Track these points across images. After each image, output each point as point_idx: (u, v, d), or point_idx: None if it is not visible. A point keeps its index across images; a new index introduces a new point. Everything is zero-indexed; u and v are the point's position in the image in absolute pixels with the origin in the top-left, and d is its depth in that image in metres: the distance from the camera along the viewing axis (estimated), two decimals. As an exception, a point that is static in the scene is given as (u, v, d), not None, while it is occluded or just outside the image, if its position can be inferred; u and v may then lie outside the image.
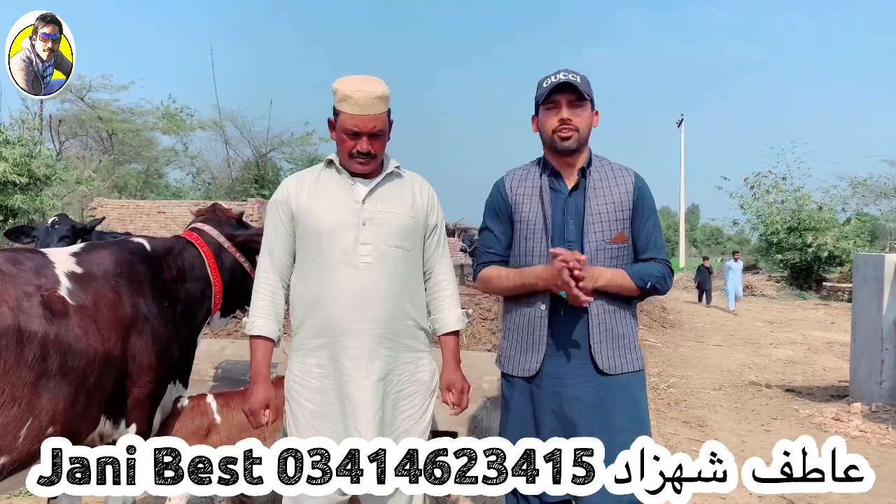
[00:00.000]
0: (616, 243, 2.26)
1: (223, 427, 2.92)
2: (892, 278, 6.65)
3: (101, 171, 24.05)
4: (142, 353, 2.41)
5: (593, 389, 2.22)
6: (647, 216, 2.32)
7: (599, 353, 2.22)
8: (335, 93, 2.20)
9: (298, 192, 2.27)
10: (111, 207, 17.72)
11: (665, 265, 2.33)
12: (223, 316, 3.03)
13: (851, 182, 27.01)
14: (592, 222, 2.25)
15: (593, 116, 2.32)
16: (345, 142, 2.19)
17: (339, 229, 2.19)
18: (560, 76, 2.23)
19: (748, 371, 9.18)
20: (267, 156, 26.18)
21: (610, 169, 2.34)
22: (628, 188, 2.30)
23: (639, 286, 2.25)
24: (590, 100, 2.27)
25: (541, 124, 2.32)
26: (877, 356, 6.70)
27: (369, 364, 2.16)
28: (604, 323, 2.24)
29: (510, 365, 2.35)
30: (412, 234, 2.28)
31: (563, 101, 2.24)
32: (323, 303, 2.19)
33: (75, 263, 2.36)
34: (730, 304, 17.74)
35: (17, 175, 14.66)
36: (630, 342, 2.29)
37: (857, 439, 5.64)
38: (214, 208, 3.18)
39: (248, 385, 2.30)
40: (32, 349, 2.04)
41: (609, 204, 2.27)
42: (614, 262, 2.26)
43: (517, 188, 2.36)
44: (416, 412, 2.27)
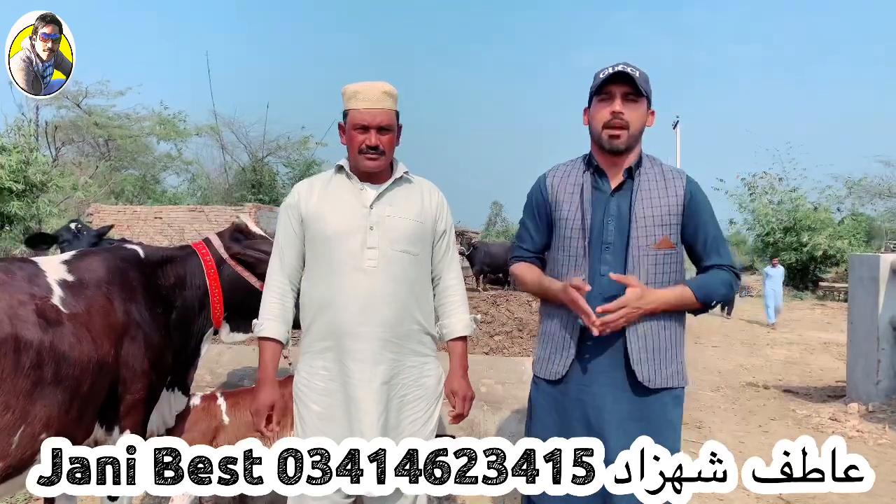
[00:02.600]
0: (661, 249, 2.14)
1: (230, 428, 2.96)
2: (888, 278, 6.68)
3: (98, 177, 23.99)
4: (135, 359, 2.41)
5: (623, 402, 2.13)
6: (703, 220, 2.19)
7: (640, 364, 2.11)
8: (344, 94, 2.24)
9: (309, 197, 2.29)
10: (108, 213, 17.68)
11: (730, 272, 2.20)
12: (234, 330, 3.01)
13: (847, 182, 27.11)
14: (637, 227, 2.13)
15: (648, 116, 2.21)
16: (354, 138, 2.22)
17: (346, 233, 2.21)
18: (619, 67, 2.13)
19: (745, 372, 9.19)
20: (263, 160, 26.16)
21: (660, 171, 2.22)
22: (678, 192, 2.17)
23: (702, 302, 2.14)
24: (647, 97, 2.17)
25: (592, 117, 2.21)
26: (873, 356, 6.72)
27: (374, 367, 2.17)
28: (646, 331, 2.12)
29: (540, 367, 2.30)
30: (420, 238, 2.29)
31: (617, 93, 2.13)
32: (330, 306, 2.21)
33: (67, 271, 2.37)
34: (769, 316, 15.17)
35: (14, 182, 14.62)
36: (674, 355, 2.17)
37: (854, 439, 5.65)
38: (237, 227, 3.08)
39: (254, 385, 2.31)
40: (28, 357, 2.05)
41: (656, 208, 2.15)
42: (658, 269, 2.14)
43: (559, 185, 2.28)
44: (421, 417, 2.27)
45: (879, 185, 27.70)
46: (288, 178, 25.49)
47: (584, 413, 2.17)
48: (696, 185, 2.22)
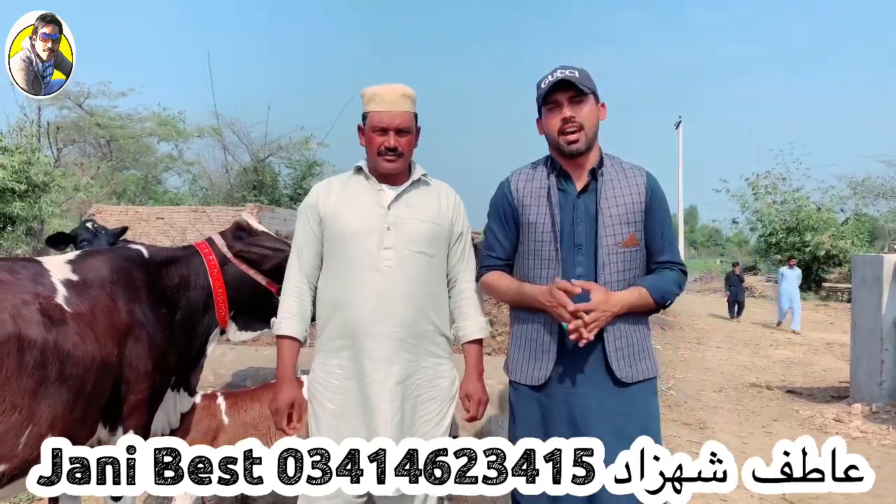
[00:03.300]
0: (628, 247, 2.19)
1: (230, 428, 2.96)
2: (891, 279, 6.66)
3: (100, 177, 24.04)
4: (138, 360, 2.41)
5: (608, 399, 2.16)
6: (661, 217, 2.25)
7: (617, 362, 2.16)
8: (363, 96, 2.27)
9: (327, 197, 2.32)
10: (110, 214, 17.68)
11: (680, 272, 2.26)
12: (241, 329, 2.99)
13: (850, 183, 27.04)
14: (604, 225, 2.17)
15: (599, 109, 2.23)
16: (373, 140, 2.24)
17: (364, 233, 2.23)
18: (557, 74, 2.17)
19: (748, 372, 9.18)
20: (265, 161, 26.14)
21: (621, 168, 2.26)
22: (640, 189, 2.22)
23: (658, 303, 2.20)
24: (592, 93, 2.19)
25: (545, 125, 2.24)
26: (876, 357, 6.70)
27: (389, 366, 2.19)
28: (619, 330, 2.16)
29: (518, 372, 2.30)
30: (436, 240, 2.30)
31: (563, 100, 2.17)
32: (346, 305, 2.23)
33: (71, 271, 2.37)
34: (780, 314, 14.87)
35: (16, 182, 14.68)
36: (645, 349, 2.23)
37: (857, 440, 5.64)
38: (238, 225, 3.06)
39: (255, 387, 2.31)
40: (32, 357, 2.05)
41: (621, 206, 2.19)
42: (626, 266, 2.19)
43: (524, 189, 2.29)
44: (434, 417, 2.28)
45: (883, 185, 27.63)
46: (290, 179, 25.47)
47: (569, 414, 2.18)
48: (655, 180, 2.27)
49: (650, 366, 2.24)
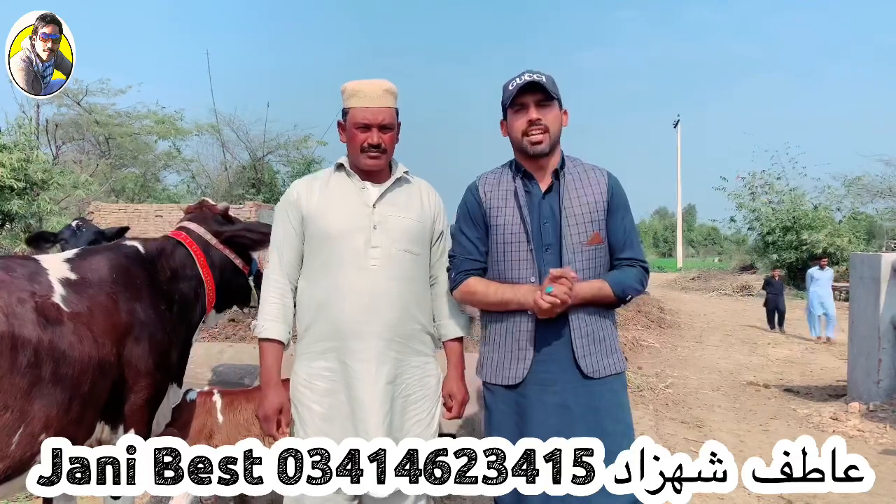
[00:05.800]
0: (592, 245, 2.24)
1: (224, 427, 2.95)
2: (889, 278, 6.67)
3: (98, 175, 23.96)
4: (139, 360, 2.39)
5: (581, 395, 2.19)
6: (622, 214, 2.30)
7: (583, 358, 2.19)
8: (343, 92, 2.23)
9: (309, 195, 2.28)
10: (108, 211, 17.67)
11: (641, 269, 2.30)
12: (218, 312, 3.02)
13: (845, 181, 27.03)
14: (569, 224, 2.22)
15: (562, 116, 2.29)
16: (355, 137, 2.21)
17: (350, 232, 2.20)
18: (525, 77, 2.20)
19: (746, 371, 9.20)
20: (263, 159, 26.11)
21: (583, 169, 2.32)
22: (602, 188, 2.27)
23: (618, 297, 2.23)
24: (557, 99, 2.25)
25: (510, 127, 2.28)
26: (874, 355, 6.72)
27: (379, 367, 2.17)
28: (586, 327, 2.21)
29: (493, 374, 2.30)
30: (420, 238, 2.30)
31: (530, 102, 2.21)
32: (332, 305, 2.19)
33: (69, 269, 2.34)
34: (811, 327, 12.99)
35: (15, 180, 14.64)
36: (611, 345, 2.28)
37: (855, 439, 5.66)
38: (201, 205, 3.15)
39: (254, 386, 2.30)
40: (25, 356, 2.02)
41: (584, 205, 2.24)
42: (591, 264, 2.24)
43: (491, 192, 2.31)
44: (425, 417, 2.27)
45: (880, 184, 27.61)
46: (288, 177, 25.43)
47: (546, 413, 2.19)
48: (616, 180, 2.33)
49: (617, 361, 2.28)
